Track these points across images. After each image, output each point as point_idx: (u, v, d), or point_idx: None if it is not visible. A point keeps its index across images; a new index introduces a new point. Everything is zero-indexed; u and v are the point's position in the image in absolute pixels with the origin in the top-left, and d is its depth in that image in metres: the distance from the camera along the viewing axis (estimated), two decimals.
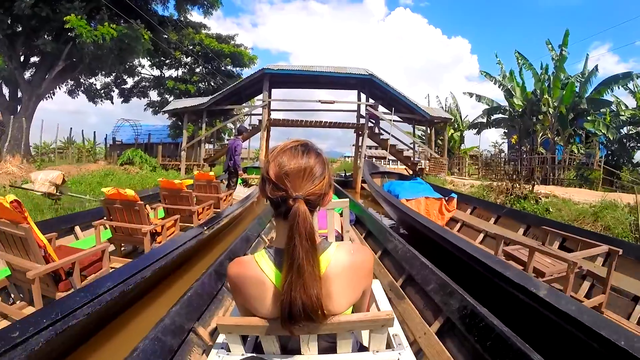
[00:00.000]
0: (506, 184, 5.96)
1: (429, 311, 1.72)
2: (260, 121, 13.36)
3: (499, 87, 15.55)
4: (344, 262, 0.83)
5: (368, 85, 13.45)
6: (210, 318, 1.65)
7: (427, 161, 12.86)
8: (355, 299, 0.87)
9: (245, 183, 9.28)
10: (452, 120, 16.69)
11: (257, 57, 21.46)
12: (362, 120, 13.57)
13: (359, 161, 13.05)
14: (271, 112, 14.11)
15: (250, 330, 0.88)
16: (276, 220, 0.87)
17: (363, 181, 12.27)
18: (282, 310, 0.77)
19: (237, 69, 21.16)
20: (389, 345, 1.04)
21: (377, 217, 3.37)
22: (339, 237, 2.74)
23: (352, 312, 0.91)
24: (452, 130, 19.50)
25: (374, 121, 13.58)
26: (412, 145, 14.80)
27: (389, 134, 13.43)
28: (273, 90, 14.96)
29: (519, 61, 14.95)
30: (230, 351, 0.94)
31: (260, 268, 0.82)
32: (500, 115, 16.51)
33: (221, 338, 1.06)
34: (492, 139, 25.26)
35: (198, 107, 13.44)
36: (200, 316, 1.59)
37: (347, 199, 2.61)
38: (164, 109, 15.81)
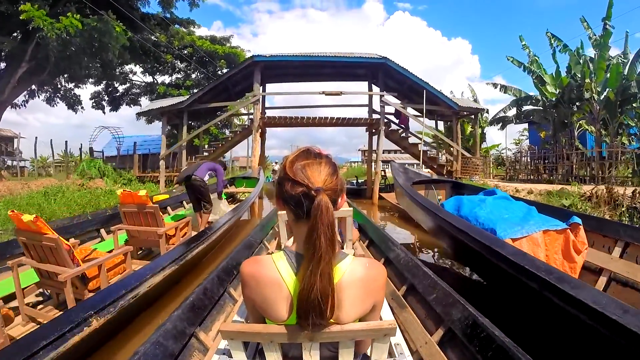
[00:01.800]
0: (608, 189, 3.88)
1: (430, 321, 1.65)
2: (252, 120, 11.04)
3: (528, 73, 13.63)
4: (358, 274, 0.82)
5: (381, 73, 11.22)
6: (212, 323, 1.63)
7: (456, 162, 10.76)
8: (364, 311, 0.86)
9: (232, 199, 7.44)
10: (485, 112, 14.56)
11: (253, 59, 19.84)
12: (375, 116, 11.45)
13: (374, 166, 10.94)
14: (266, 110, 12.07)
15: (254, 337, 0.89)
16: (296, 224, 0.84)
17: (381, 190, 10.23)
18: (299, 300, 0.76)
19: None
20: (390, 355, 1.04)
21: (378, 226, 3.22)
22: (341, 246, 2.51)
23: None
24: (470, 127, 17.43)
25: (403, 126, 11.50)
26: (434, 144, 12.70)
27: (410, 132, 11.40)
28: (268, 86, 12.86)
29: (552, 42, 13.03)
30: (232, 357, 0.92)
31: (277, 269, 0.81)
32: (531, 107, 14.47)
33: (222, 343, 1.16)
34: (510, 136, 23.37)
35: (176, 106, 11.16)
36: (202, 321, 1.56)
37: (351, 208, 2.41)
38: (139, 112, 13.98)
